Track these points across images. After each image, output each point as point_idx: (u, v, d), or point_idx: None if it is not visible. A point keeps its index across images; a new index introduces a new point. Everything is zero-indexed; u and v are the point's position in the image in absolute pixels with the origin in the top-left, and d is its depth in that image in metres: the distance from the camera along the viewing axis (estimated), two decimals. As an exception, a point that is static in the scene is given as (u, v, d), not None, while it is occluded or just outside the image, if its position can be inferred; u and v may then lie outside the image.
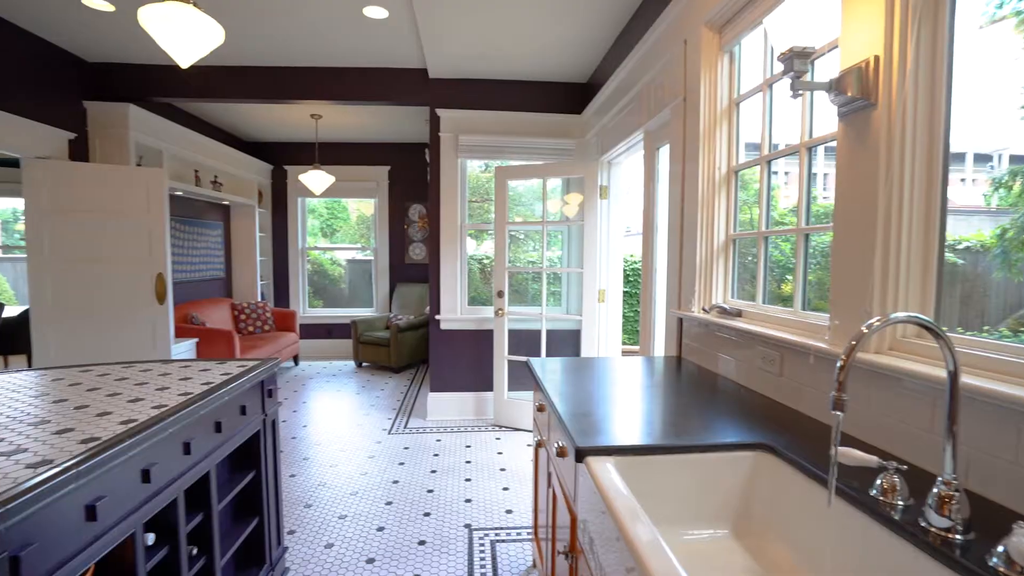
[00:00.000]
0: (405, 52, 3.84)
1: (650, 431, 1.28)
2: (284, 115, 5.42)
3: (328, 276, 7.45)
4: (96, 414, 1.35)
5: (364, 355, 5.92)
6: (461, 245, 4.14)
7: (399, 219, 6.69)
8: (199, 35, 1.59)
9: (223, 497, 1.70)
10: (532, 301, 4.87)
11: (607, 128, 3.50)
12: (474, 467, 3.27)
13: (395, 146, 6.65)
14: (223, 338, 4.58)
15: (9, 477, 0.96)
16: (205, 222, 5.65)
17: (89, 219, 3.70)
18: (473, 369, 4.19)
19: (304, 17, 3.27)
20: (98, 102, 3.99)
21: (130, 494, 1.20)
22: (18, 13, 3.23)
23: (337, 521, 2.62)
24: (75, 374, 1.80)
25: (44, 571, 0.96)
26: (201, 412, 1.48)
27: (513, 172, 3.96)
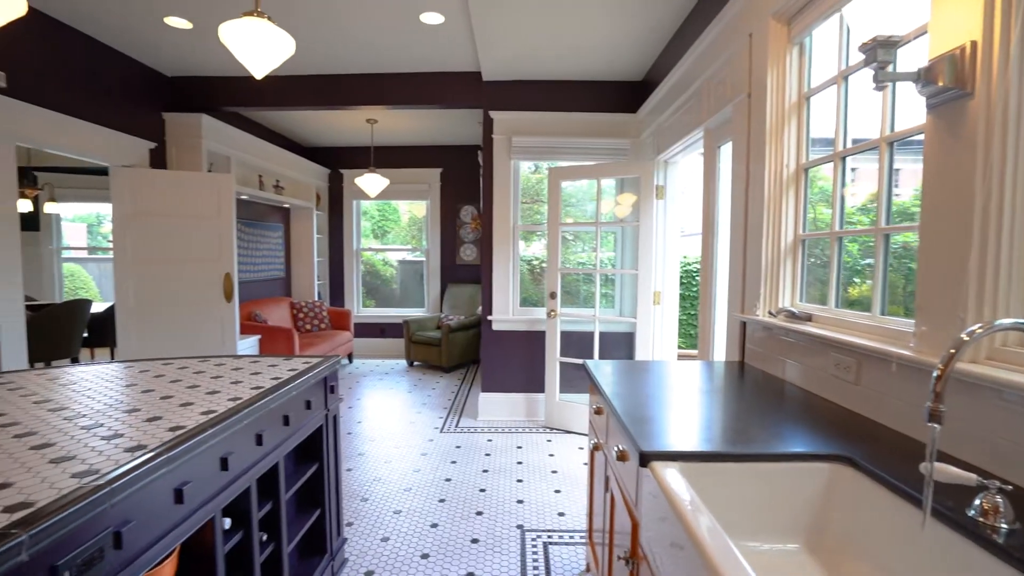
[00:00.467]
0: (459, 56, 3.90)
1: (714, 438, 1.24)
2: (341, 120, 5.62)
3: (380, 276, 7.66)
4: (179, 404, 1.44)
5: (415, 354, 6.04)
6: (514, 246, 4.15)
7: (450, 220, 6.79)
8: (273, 47, 1.67)
9: (289, 488, 1.78)
10: (584, 303, 4.83)
11: (663, 127, 3.42)
12: (526, 468, 3.27)
13: (447, 148, 6.77)
14: (284, 335, 4.79)
15: (111, 459, 1.04)
16: (267, 224, 5.94)
17: (166, 222, 3.96)
18: (524, 370, 4.20)
19: (363, 26, 3.38)
20: (175, 113, 4.27)
21: (211, 480, 1.27)
22: (109, 34, 3.50)
23: (392, 516, 2.68)
24: (159, 366, 1.93)
25: (140, 547, 1.03)
26: (271, 405, 1.55)
27: (567, 173, 3.94)
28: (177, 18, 3.27)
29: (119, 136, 3.75)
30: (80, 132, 3.44)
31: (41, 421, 1.28)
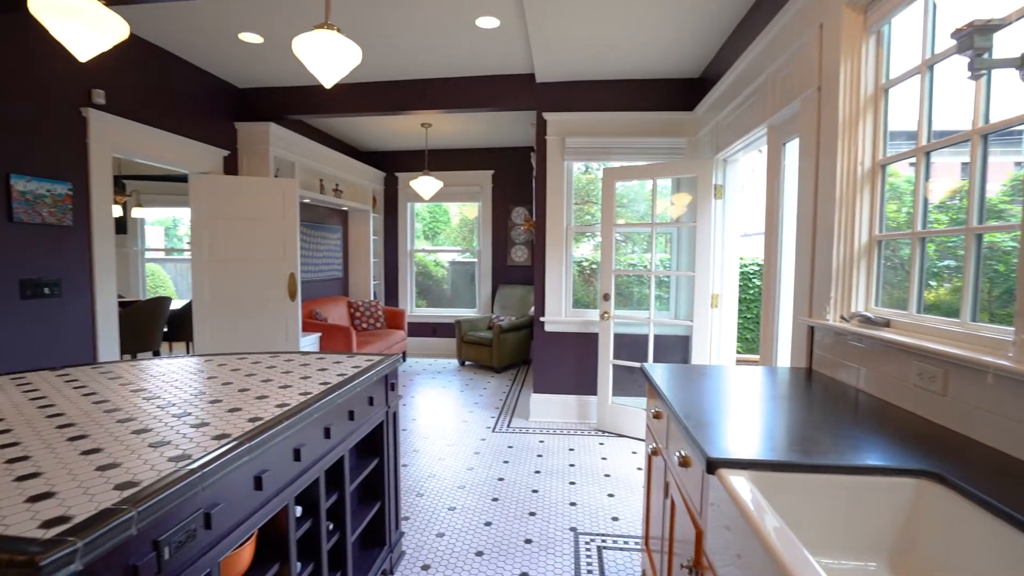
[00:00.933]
0: (513, 59, 3.93)
1: (784, 447, 1.19)
2: (397, 125, 5.78)
3: (431, 277, 7.81)
4: (255, 397, 1.53)
5: (467, 354, 6.13)
6: (566, 247, 4.14)
7: (502, 222, 6.85)
8: (342, 57, 1.75)
9: (353, 480, 1.85)
10: (637, 305, 4.75)
11: (723, 124, 3.32)
12: (578, 471, 3.25)
13: (498, 150, 6.83)
14: (342, 333, 4.98)
15: (201, 446, 1.11)
16: (327, 226, 6.19)
17: (237, 225, 4.21)
18: (576, 372, 4.17)
19: (421, 33, 3.47)
20: (246, 123, 4.53)
21: (285, 470, 1.35)
22: (189, 51, 3.76)
23: (447, 512, 2.73)
24: (234, 361, 2.05)
25: (226, 528, 1.10)
26: (338, 401, 1.62)
27: (622, 173, 3.88)
28: (250, 34, 3.47)
29: (197, 145, 4.01)
30: (164, 142, 3.71)
31: (138, 408, 1.40)
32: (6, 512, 0.83)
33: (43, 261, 2.89)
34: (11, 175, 2.68)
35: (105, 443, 1.14)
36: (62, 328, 3.01)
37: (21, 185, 2.73)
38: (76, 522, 0.80)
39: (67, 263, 3.03)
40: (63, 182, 2.97)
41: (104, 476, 0.97)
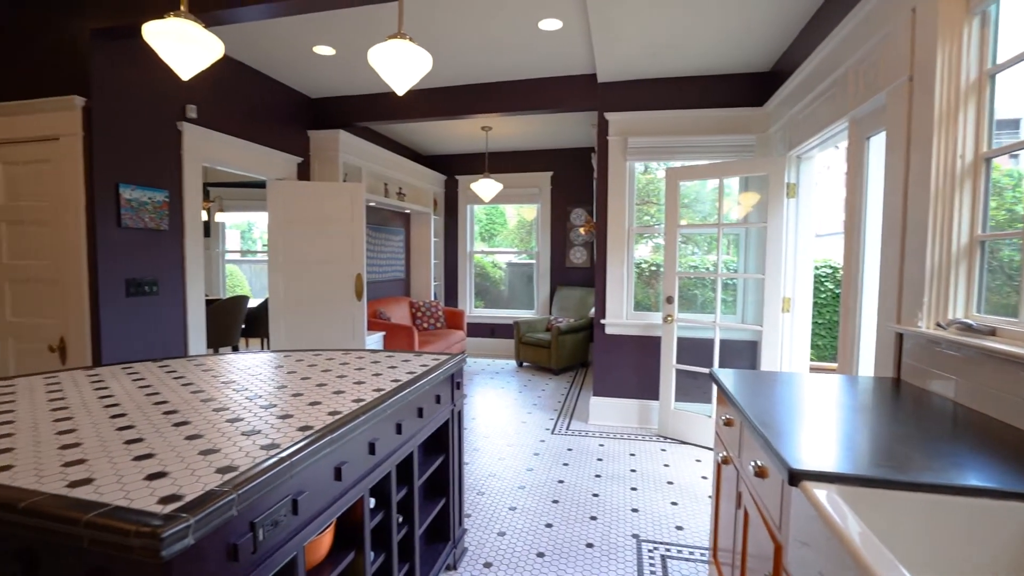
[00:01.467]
0: (574, 60, 3.91)
1: (872, 461, 1.12)
2: (457, 129, 5.90)
3: (489, 278, 7.91)
4: (333, 391, 1.61)
5: (525, 355, 6.15)
6: (628, 249, 4.07)
7: (560, 223, 6.83)
8: (414, 65, 1.81)
9: (421, 475, 1.90)
10: (701, 308, 4.60)
11: (796, 120, 3.16)
12: (639, 477, 3.19)
13: (558, 152, 6.82)
14: (405, 333, 5.13)
15: (288, 436, 1.19)
16: (390, 229, 6.41)
17: (309, 228, 4.43)
18: (637, 376, 4.09)
19: (485, 37, 3.52)
20: (318, 131, 4.77)
21: (361, 463, 1.41)
22: (268, 66, 4.01)
23: (508, 512, 2.76)
24: (310, 357, 2.17)
25: (310, 515, 1.16)
26: (409, 398, 1.67)
27: (687, 173, 3.78)
28: (324, 47, 3.65)
29: (274, 153, 4.27)
30: (246, 151, 3.97)
31: (229, 399, 1.50)
32: (129, 488, 0.92)
33: (144, 262, 3.17)
34: (120, 184, 2.97)
35: (204, 430, 1.24)
36: (159, 323, 3.29)
37: (128, 193, 3.01)
38: (187, 500, 0.87)
39: (163, 264, 3.31)
40: (161, 190, 3.25)
41: (207, 460, 1.05)
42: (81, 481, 0.95)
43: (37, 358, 3.08)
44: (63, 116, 2.87)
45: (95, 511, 0.83)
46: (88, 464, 1.03)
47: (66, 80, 2.89)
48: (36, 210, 3.02)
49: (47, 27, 2.93)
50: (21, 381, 1.71)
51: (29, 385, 1.66)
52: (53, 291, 3.02)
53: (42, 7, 2.94)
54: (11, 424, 1.28)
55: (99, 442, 1.16)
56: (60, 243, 2.96)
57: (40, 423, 1.29)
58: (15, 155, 3.05)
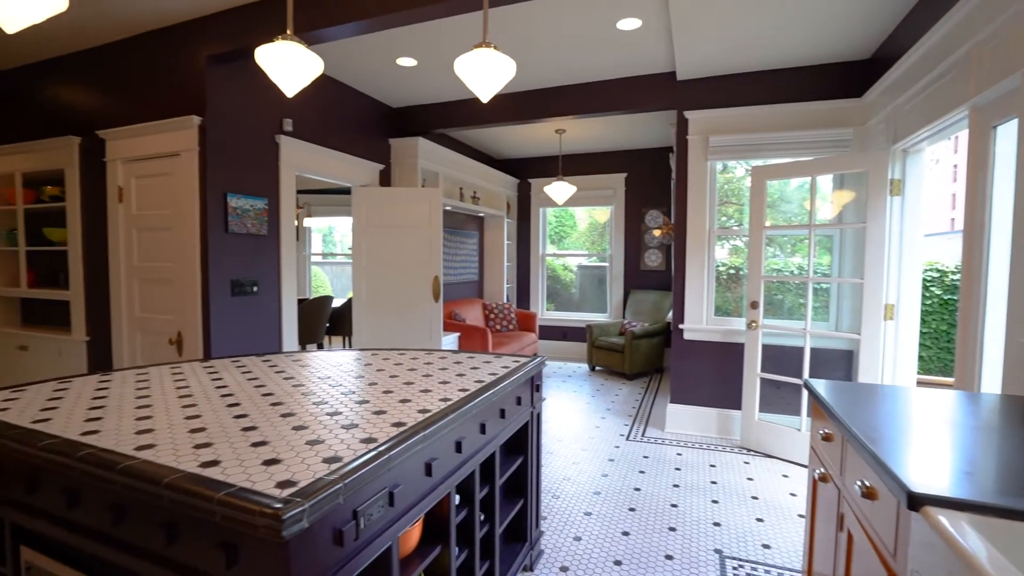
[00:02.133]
0: (652, 59, 3.82)
1: (1008, 489, 1.00)
2: (531, 133, 5.94)
3: (560, 281, 7.88)
4: (420, 390, 1.67)
5: (597, 359, 6.08)
6: (709, 252, 3.92)
7: (635, 225, 6.70)
8: (498, 72, 1.85)
9: (502, 475, 1.93)
10: (788, 314, 4.33)
11: (903, 110, 2.89)
12: (721, 489, 3.05)
13: (632, 152, 6.69)
14: (479, 334, 5.23)
15: (384, 431, 1.25)
16: (465, 232, 6.57)
17: (390, 232, 4.64)
18: (717, 384, 3.92)
19: (562, 40, 3.53)
20: (398, 138, 4.98)
21: (448, 460, 1.45)
22: (354, 78, 4.24)
23: (583, 517, 2.73)
24: (396, 356, 2.26)
25: (404, 507, 1.22)
26: (493, 399, 1.71)
27: (775, 171, 3.57)
28: (406, 58, 3.81)
29: (358, 161, 4.51)
30: (333, 160, 4.23)
31: (327, 393, 1.61)
32: (251, 471, 1.01)
33: (246, 265, 3.46)
34: (228, 194, 3.26)
35: (308, 421, 1.33)
36: (257, 320, 3.57)
37: (234, 202, 3.29)
38: (301, 486, 0.95)
39: (262, 266, 3.59)
40: (261, 198, 3.53)
41: (313, 450, 1.13)
42: (210, 462, 1.05)
43: (159, 349, 3.45)
44: (183, 134, 3.20)
45: (225, 491, 0.92)
46: (214, 448, 1.14)
47: (185, 102, 3.22)
48: (160, 218, 3.39)
49: (171, 56, 3.27)
50: (152, 370, 1.92)
51: (159, 374, 1.86)
52: (172, 290, 3.37)
53: (166, 39, 3.29)
54: (149, 408, 1.44)
55: (220, 428, 1.28)
56: (178, 247, 3.30)
57: (171, 408, 1.44)
58: (145, 170, 3.44)
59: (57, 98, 3.81)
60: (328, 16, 2.76)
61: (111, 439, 1.19)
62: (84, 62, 3.66)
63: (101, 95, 3.59)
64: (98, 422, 1.32)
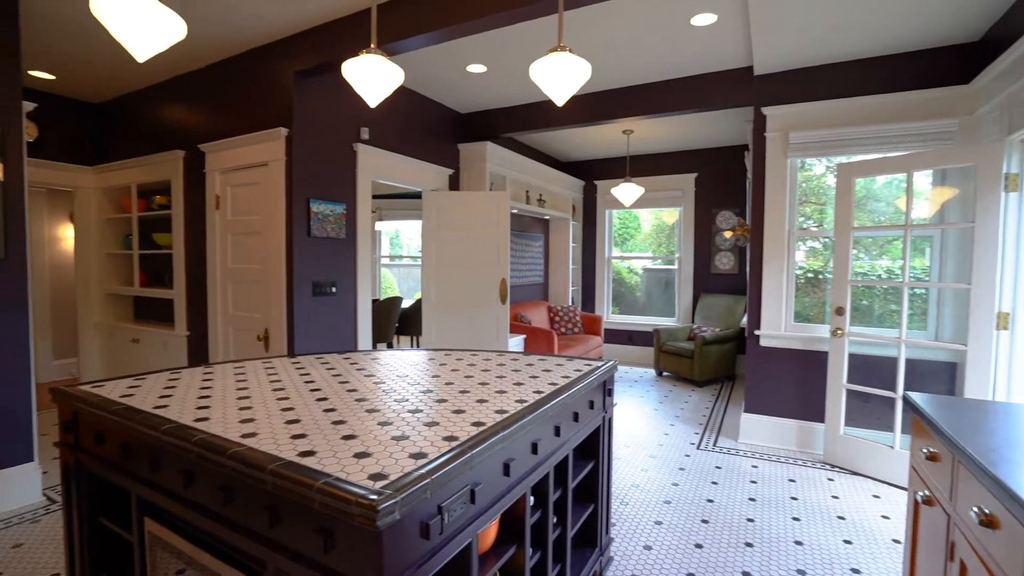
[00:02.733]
0: (728, 54, 3.68)
1: None
2: (597, 134, 5.88)
3: (624, 284, 7.74)
4: (495, 391, 1.70)
5: (665, 364, 5.91)
6: (788, 254, 3.71)
7: (705, 227, 6.47)
8: (574, 75, 1.85)
9: (574, 479, 1.92)
10: (878, 321, 4.02)
11: (1021, 97, 2.61)
12: (802, 506, 2.87)
13: (703, 152, 6.47)
14: (545, 336, 5.24)
15: (464, 430, 1.28)
16: (530, 234, 6.60)
17: (458, 235, 4.74)
18: (797, 394, 3.70)
19: (634, 38, 3.47)
20: (466, 143, 5.09)
21: (525, 461, 1.46)
22: (426, 86, 4.38)
23: (653, 526, 2.67)
24: (468, 356, 2.31)
25: (483, 506, 1.24)
26: (567, 401, 1.70)
27: (866, 168, 3.32)
28: (476, 65, 3.89)
29: (429, 166, 4.65)
30: (406, 166, 4.39)
31: (406, 391, 1.67)
32: (344, 463, 1.07)
33: (326, 266, 3.66)
34: (311, 200, 3.47)
35: (391, 418, 1.39)
36: (335, 320, 3.76)
37: (316, 207, 3.50)
38: (391, 479, 0.99)
39: (340, 268, 3.78)
40: (340, 203, 3.72)
41: (399, 445, 1.18)
42: (307, 452, 1.13)
43: (248, 344, 3.72)
44: (272, 145, 3.44)
45: (323, 479, 0.98)
46: (309, 438, 1.22)
47: (274, 115, 3.45)
48: (250, 223, 3.66)
49: (262, 74, 3.53)
50: (247, 364, 2.08)
51: (254, 368, 2.01)
52: (260, 290, 3.63)
53: (258, 58, 3.55)
54: (248, 399, 1.56)
55: (312, 420, 1.36)
56: (266, 250, 3.55)
57: (267, 400, 1.55)
58: (238, 179, 3.72)
59: (166, 117, 4.22)
60: (405, 28, 2.87)
61: (219, 426, 1.30)
62: (187, 83, 4.02)
63: (202, 112, 3.93)
64: (207, 410, 1.44)
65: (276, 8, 3.01)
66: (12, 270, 2.78)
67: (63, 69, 3.97)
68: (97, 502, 1.64)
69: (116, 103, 4.64)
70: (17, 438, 2.82)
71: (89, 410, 1.51)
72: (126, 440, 1.43)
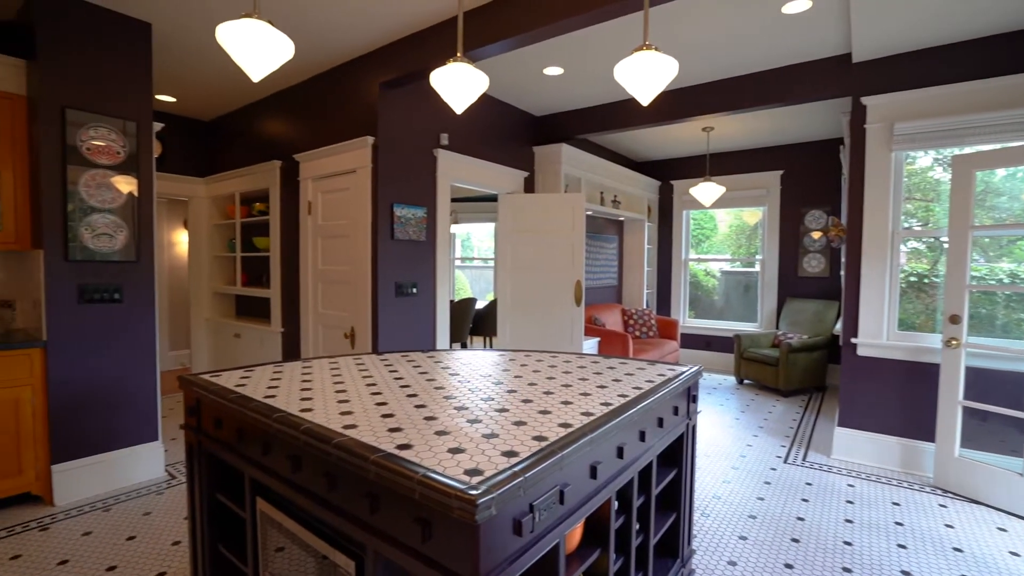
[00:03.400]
0: (822, 42, 3.45)
1: None
2: (675, 133, 5.70)
3: (701, 287, 7.44)
4: (579, 393, 1.70)
5: (746, 372, 5.62)
6: (891, 257, 3.42)
7: (791, 227, 6.09)
8: (660, 74, 1.81)
9: (657, 486, 1.88)
10: (1002, 332, 3.59)
11: None
12: (909, 534, 2.63)
13: (790, 148, 6.10)
14: (619, 339, 5.15)
15: (552, 430, 1.29)
16: (604, 236, 6.51)
17: (533, 237, 4.77)
18: (901, 409, 3.39)
19: (718, 31, 3.34)
20: (541, 146, 5.11)
21: (610, 465, 1.45)
22: (503, 91, 4.45)
23: (737, 540, 2.55)
24: (548, 358, 2.32)
25: (572, 507, 1.25)
26: (652, 406, 1.67)
27: (990, 159, 2.99)
28: (553, 67, 3.91)
29: (505, 170, 4.72)
30: (483, 170, 4.48)
31: (491, 390, 1.71)
32: (440, 457, 1.11)
33: (407, 268, 3.81)
34: (394, 204, 3.63)
35: (480, 415, 1.43)
36: (415, 319, 3.91)
37: (399, 211, 3.66)
38: (487, 476, 1.02)
39: (420, 270, 3.93)
40: (421, 207, 3.87)
41: (490, 443, 1.21)
42: (404, 446, 1.18)
43: (336, 342, 3.95)
44: (359, 153, 3.64)
45: (422, 472, 1.03)
46: (405, 432, 1.28)
47: (361, 125, 3.65)
48: (338, 227, 3.89)
49: (350, 86, 3.74)
50: (340, 360, 2.21)
51: (346, 364, 2.13)
52: (347, 290, 3.84)
53: (346, 72, 3.77)
54: (344, 392, 1.66)
55: (405, 415, 1.42)
56: (353, 253, 3.75)
57: (362, 394, 1.64)
58: (328, 186, 3.97)
59: (265, 130, 4.58)
60: (488, 35, 2.94)
61: (322, 416, 1.40)
62: (283, 99, 4.34)
63: (296, 124, 4.24)
64: (310, 401, 1.55)
65: (363, 25, 3.19)
66: (143, 272, 3.13)
67: (182, 92, 4.42)
68: (216, 480, 1.82)
69: (223, 120, 5.10)
70: (145, 419, 3.18)
71: (210, 397, 1.68)
72: (241, 425, 1.57)
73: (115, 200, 3.00)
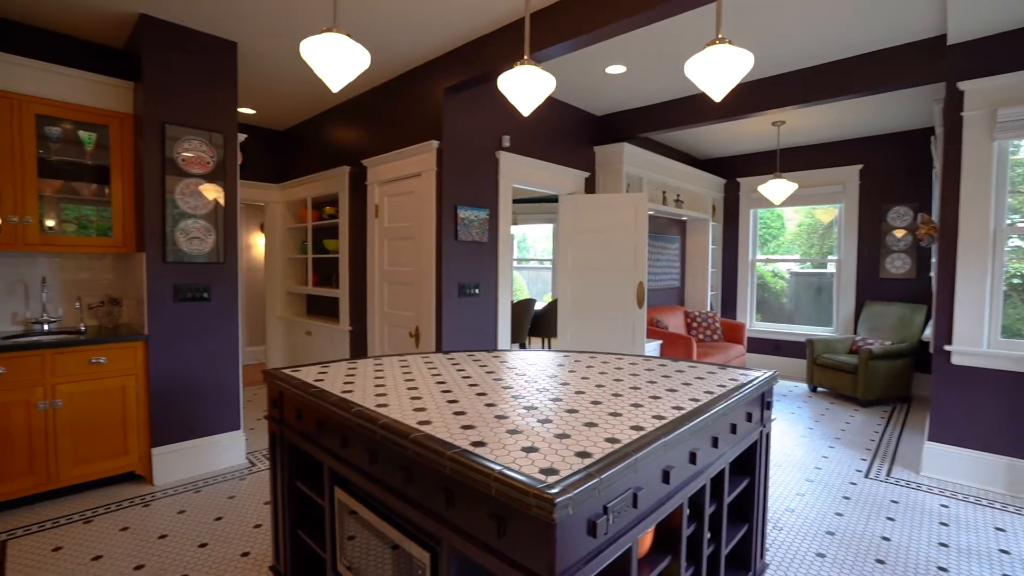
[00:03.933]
0: (911, 23, 3.20)
1: None
2: (741, 128, 5.47)
3: (768, 289, 7.08)
4: (649, 396, 1.67)
5: (820, 379, 5.30)
6: (993, 257, 3.12)
7: (872, 225, 5.68)
8: (734, 67, 1.75)
9: (730, 494, 1.81)
10: None
11: None
12: (1019, 564, 2.38)
13: (870, 140, 5.70)
14: (683, 343, 5.00)
15: (625, 433, 1.28)
16: (666, 237, 6.35)
17: (595, 238, 4.73)
18: (1006, 425, 3.09)
19: (791, 20, 3.18)
20: (602, 146, 5.05)
21: (683, 470, 1.42)
22: (565, 91, 4.43)
23: (814, 557, 2.41)
24: (613, 360, 2.30)
25: (645, 511, 1.23)
26: (724, 412, 1.61)
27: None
28: (616, 66, 3.85)
29: (566, 170, 4.71)
30: (544, 171, 4.49)
31: (559, 391, 1.71)
32: (514, 456, 1.13)
33: (470, 269, 3.88)
34: (458, 206, 3.71)
35: (550, 415, 1.43)
36: (477, 320, 3.97)
37: (462, 213, 3.73)
38: (562, 475, 1.02)
39: (482, 271, 3.99)
40: (483, 209, 3.93)
41: (562, 443, 1.21)
42: (478, 443, 1.21)
43: (401, 340, 4.08)
44: (424, 157, 3.74)
45: (499, 468, 1.04)
46: (477, 430, 1.30)
47: (426, 129, 3.76)
48: (404, 229, 4.01)
49: (416, 93, 3.86)
50: (409, 358, 2.28)
51: (415, 362, 2.20)
52: (412, 291, 3.96)
53: (412, 79, 3.89)
54: (416, 390, 1.71)
55: (477, 413, 1.45)
56: (418, 254, 3.86)
57: (433, 391, 1.69)
58: (394, 189, 4.11)
59: (334, 137, 4.81)
60: (552, 36, 2.94)
61: (397, 412, 1.45)
62: (352, 107, 4.54)
63: (364, 131, 4.42)
64: (384, 397, 1.61)
65: (428, 32, 3.27)
66: (227, 272, 3.37)
67: (261, 104, 4.72)
68: (296, 469, 1.93)
69: (296, 129, 5.40)
70: (229, 409, 3.42)
71: (292, 390, 1.78)
72: (320, 418, 1.66)
73: (204, 206, 3.24)
